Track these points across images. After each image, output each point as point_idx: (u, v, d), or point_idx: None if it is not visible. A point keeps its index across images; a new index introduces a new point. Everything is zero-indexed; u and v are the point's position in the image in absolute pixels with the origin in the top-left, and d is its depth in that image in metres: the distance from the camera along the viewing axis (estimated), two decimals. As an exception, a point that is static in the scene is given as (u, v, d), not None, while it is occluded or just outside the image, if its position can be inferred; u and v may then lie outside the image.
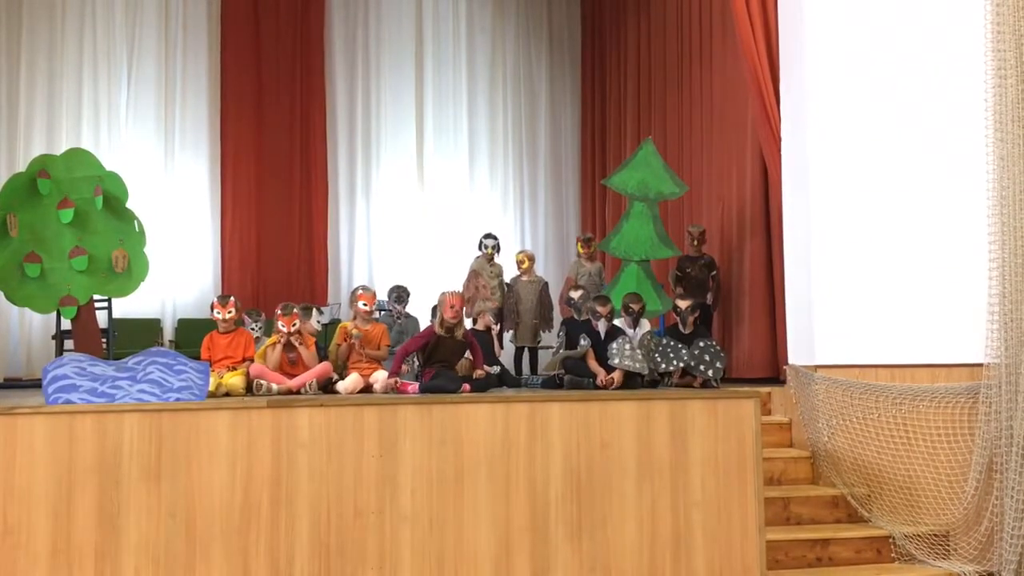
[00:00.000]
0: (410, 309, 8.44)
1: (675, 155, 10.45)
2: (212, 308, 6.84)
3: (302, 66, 12.17)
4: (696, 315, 7.63)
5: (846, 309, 6.75)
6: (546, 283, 9.52)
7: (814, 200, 6.87)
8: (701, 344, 7.19)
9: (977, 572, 5.85)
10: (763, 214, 8.74)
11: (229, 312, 6.70)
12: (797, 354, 7.04)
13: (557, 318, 9.20)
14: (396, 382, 6.22)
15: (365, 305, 6.76)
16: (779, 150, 7.45)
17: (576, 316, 7.27)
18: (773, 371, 8.33)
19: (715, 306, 9.23)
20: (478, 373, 6.59)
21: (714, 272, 9.05)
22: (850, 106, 6.88)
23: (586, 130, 13.29)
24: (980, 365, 6.35)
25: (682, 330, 7.49)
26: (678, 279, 9.09)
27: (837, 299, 6.77)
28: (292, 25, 12.14)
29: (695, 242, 9.08)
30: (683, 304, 7.56)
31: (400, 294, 8.03)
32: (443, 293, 6.69)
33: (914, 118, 6.86)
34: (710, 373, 7.10)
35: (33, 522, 4.70)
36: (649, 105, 11.56)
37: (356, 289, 6.98)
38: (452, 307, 6.34)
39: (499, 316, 8.67)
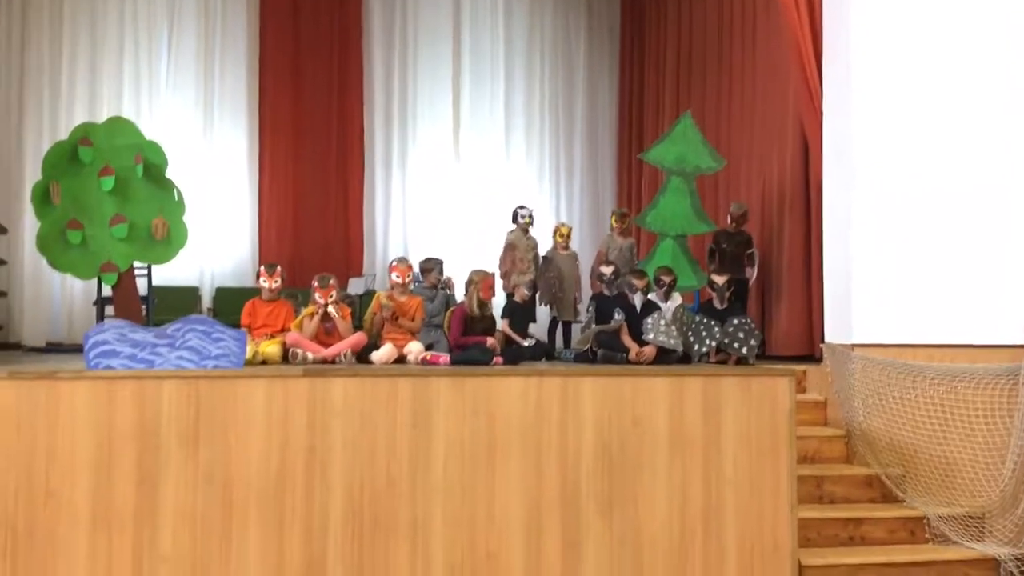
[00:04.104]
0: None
1: (713, 129, 10.33)
2: (258, 276, 6.94)
3: (340, 37, 12.18)
4: (731, 291, 7.57)
5: (885, 287, 6.66)
6: (577, 255, 9.55)
7: (855, 176, 6.77)
8: (735, 322, 7.15)
9: (1012, 555, 5.78)
10: (803, 190, 8.63)
11: (276, 282, 6.81)
12: (834, 332, 6.97)
13: (586, 292, 9.20)
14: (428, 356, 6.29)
15: (398, 277, 6.81)
16: (820, 125, 7.34)
17: (607, 291, 7.26)
18: (809, 349, 8.25)
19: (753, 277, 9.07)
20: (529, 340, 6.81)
21: (750, 251, 8.95)
22: (894, 80, 6.75)
23: (624, 103, 13.17)
24: (1022, 347, 6.25)
25: (717, 306, 7.45)
26: (712, 253, 9.01)
27: (876, 277, 6.68)
28: (331, -5, 12.14)
29: (734, 224, 8.97)
30: (719, 280, 7.51)
31: (425, 266, 8.00)
32: (477, 273, 6.74)
33: (959, 93, 6.71)
34: (744, 351, 7.06)
35: (74, 485, 4.80)
36: (688, 78, 11.42)
37: (392, 261, 7.04)
38: (491, 288, 6.52)
39: (533, 288, 8.67)
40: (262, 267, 7.01)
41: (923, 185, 6.70)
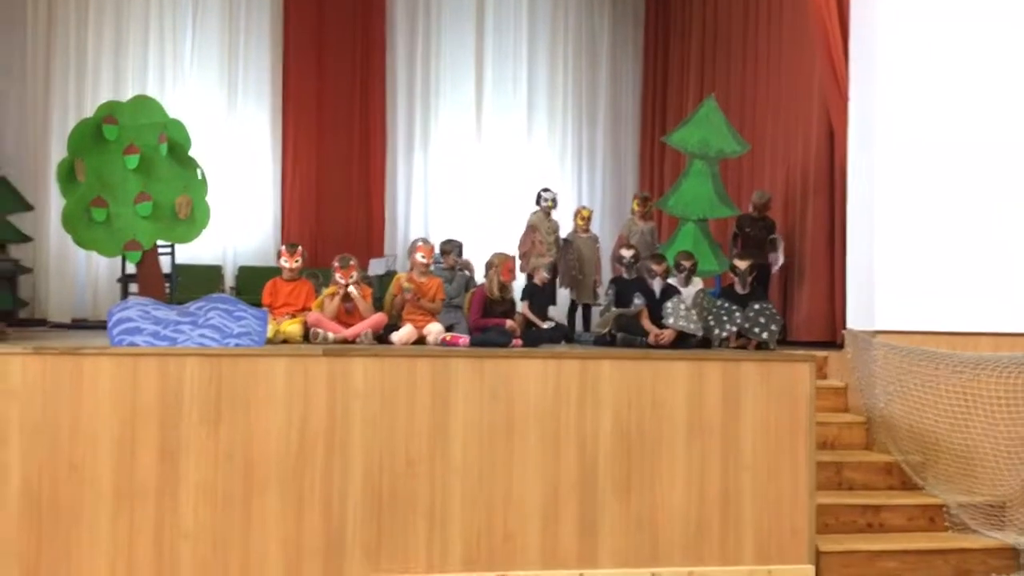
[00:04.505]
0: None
1: (737, 113, 10.25)
2: (279, 256, 6.97)
3: (363, 18, 12.15)
4: (753, 276, 7.54)
5: (908, 274, 6.61)
6: (597, 238, 9.54)
7: (879, 162, 6.71)
8: (756, 306, 7.11)
9: (1033, 545, 5.76)
10: (827, 176, 8.55)
11: (297, 261, 6.84)
12: (856, 319, 6.93)
13: (605, 275, 9.17)
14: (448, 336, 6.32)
15: (423, 258, 6.81)
16: (846, 109, 7.27)
17: (626, 275, 7.24)
18: (831, 335, 8.21)
19: (775, 264, 9.02)
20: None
21: (772, 237, 8.90)
22: (921, 67, 6.68)
23: (647, 85, 13.08)
24: (1047, 335, 6.21)
25: (739, 290, 7.41)
26: (735, 238, 8.96)
27: (899, 264, 6.63)
28: (355, -23, 12.11)
29: (755, 212, 8.93)
30: (741, 264, 7.47)
31: (444, 248, 8.00)
32: (498, 255, 6.75)
33: (986, 79, 6.64)
34: (764, 336, 7.02)
35: (98, 459, 4.87)
36: (713, 61, 11.33)
37: (416, 241, 7.03)
38: (511, 271, 6.53)
39: (553, 271, 8.65)
40: (283, 247, 7.04)
41: (948, 172, 6.63)
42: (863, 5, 7.01)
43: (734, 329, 7.06)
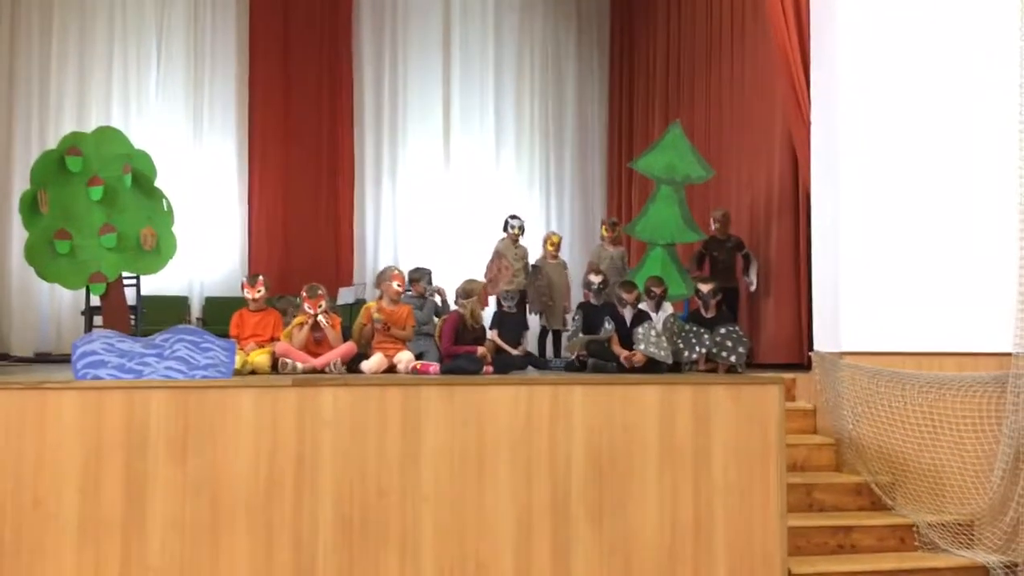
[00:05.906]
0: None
1: (703, 138, 10.38)
2: (242, 288, 6.92)
3: (330, 46, 12.19)
4: (719, 299, 7.59)
5: (873, 296, 6.69)
6: (566, 264, 9.58)
7: (843, 185, 6.81)
8: (723, 330, 7.16)
9: (1001, 562, 5.80)
10: (791, 199, 8.67)
11: (259, 292, 6.78)
12: (823, 340, 6.99)
13: (575, 301, 9.22)
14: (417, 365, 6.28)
15: (399, 286, 6.79)
16: (808, 134, 7.38)
17: (594, 300, 7.26)
18: (799, 357, 8.28)
19: (752, 286, 9.10)
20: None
21: (745, 252, 8.99)
22: (881, 90, 6.80)
23: (613, 112, 13.21)
24: (1009, 354, 6.28)
25: (704, 314, 7.46)
26: (701, 258, 9.04)
27: (864, 285, 6.71)
28: (321, 6, 12.15)
29: (718, 226, 9.03)
30: (705, 288, 7.53)
31: (413, 276, 7.99)
32: (477, 283, 6.74)
33: (946, 103, 6.76)
34: (733, 359, 7.07)
35: (62, 494, 4.77)
36: (677, 87, 11.48)
37: (392, 269, 6.99)
38: (487, 297, 6.58)
39: (520, 298, 8.67)
40: (244, 278, 7.01)
41: (910, 194, 6.74)
42: (822, 30, 7.14)
43: (703, 351, 7.11)
